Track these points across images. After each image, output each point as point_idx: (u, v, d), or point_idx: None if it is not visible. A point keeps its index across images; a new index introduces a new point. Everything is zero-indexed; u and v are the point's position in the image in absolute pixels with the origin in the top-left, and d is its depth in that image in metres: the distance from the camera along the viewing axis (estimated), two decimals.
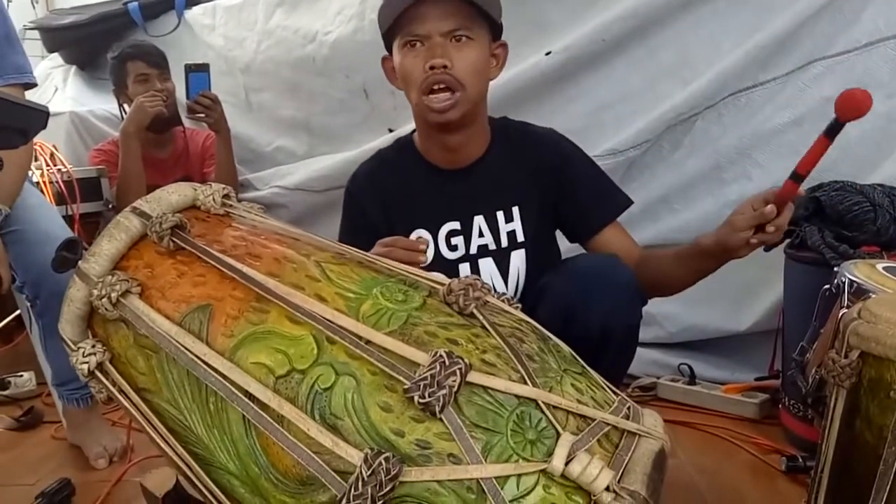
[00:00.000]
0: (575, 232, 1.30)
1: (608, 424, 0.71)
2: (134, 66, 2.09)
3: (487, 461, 0.65)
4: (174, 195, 0.91)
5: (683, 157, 1.78)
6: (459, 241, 1.25)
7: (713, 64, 1.70)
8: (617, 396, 0.78)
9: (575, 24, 1.81)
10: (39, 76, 2.26)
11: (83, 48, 2.69)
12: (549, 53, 1.81)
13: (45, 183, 1.83)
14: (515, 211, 1.25)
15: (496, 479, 0.64)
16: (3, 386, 1.91)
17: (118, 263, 0.86)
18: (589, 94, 1.83)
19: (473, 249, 1.25)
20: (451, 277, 0.82)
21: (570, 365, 0.78)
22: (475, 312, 0.77)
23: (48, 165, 1.89)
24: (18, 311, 1.63)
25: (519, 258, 1.25)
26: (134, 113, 2.01)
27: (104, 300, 0.81)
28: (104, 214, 2.03)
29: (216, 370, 0.73)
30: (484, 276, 1.24)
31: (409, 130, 1.32)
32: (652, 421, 0.76)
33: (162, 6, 2.53)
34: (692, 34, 1.73)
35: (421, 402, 0.66)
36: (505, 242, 1.25)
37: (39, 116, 0.86)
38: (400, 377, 0.68)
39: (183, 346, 0.76)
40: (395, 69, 1.20)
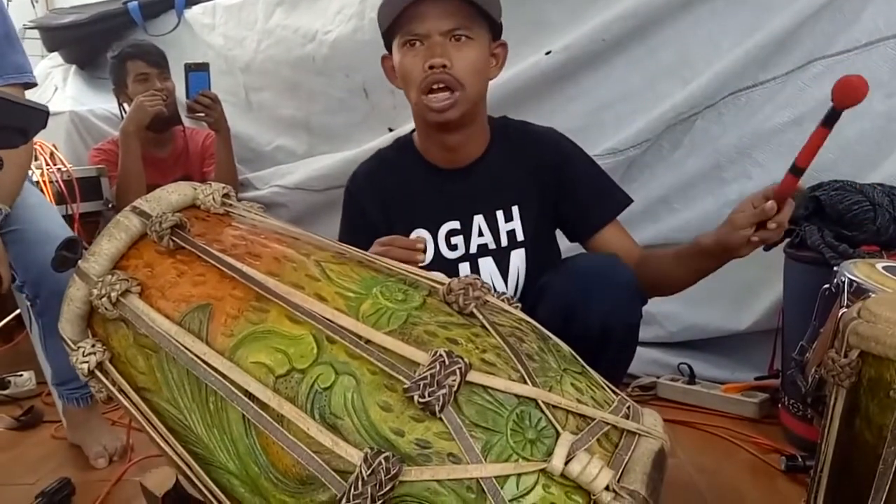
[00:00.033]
0: (575, 231, 1.30)
1: (608, 424, 0.71)
2: (134, 65, 2.09)
3: (487, 460, 0.65)
4: (174, 194, 0.91)
5: (683, 156, 1.78)
6: (459, 240, 1.25)
7: (713, 63, 1.70)
8: (617, 396, 0.78)
9: (575, 23, 1.81)
10: (39, 75, 2.27)
11: (83, 47, 2.69)
12: (549, 53, 1.81)
13: (44, 182, 1.83)
14: (515, 210, 1.25)
15: (496, 478, 0.64)
16: (3, 385, 1.91)
17: (118, 263, 0.86)
18: (589, 93, 1.83)
19: (473, 249, 1.25)
20: (450, 277, 0.82)
21: (569, 364, 0.78)
22: (475, 312, 0.77)
23: (48, 165, 1.89)
24: (18, 310, 1.63)
25: (519, 257, 1.25)
26: (134, 112, 2.01)
27: (104, 299, 0.81)
28: (104, 214, 2.03)
29: (216, 369, 0.73)
30: (484, 275, 1.24)
31: (408, 130, 1.32)
32: (652, 420, 0.76)
33: (162, 5, 2.53)
34: (692, 34, 1.73)
35: (421, 401, 0.66)
36: (505, 242, 1.25)
37: (39, 116, 0.86)
38: (400, 377, 0.68)
39: (183, 345, 0.76)
40: (394, 68, 1.20)
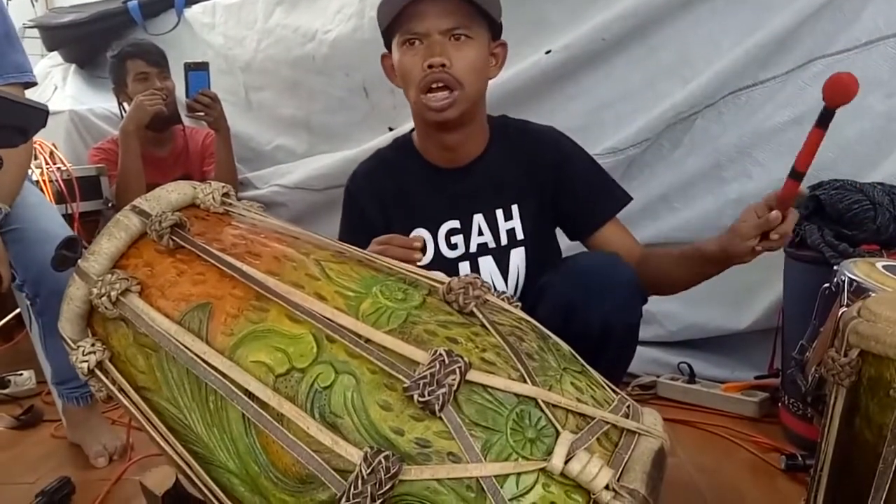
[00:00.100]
0: (575, 229, 1.30)
1: (608, 423, 0.71)
2: (133, 64, 2.09)
3: (487, 460, 0.65)
4: (174, 194, 0.91)
5: (683, 155, 1.78)
6: (459, 239, 1.25)
7: (713, 62, 1.70)
8: (616, 395, 0.78)
9: (575, 23, 1.81)
10: (39, 74, 2.26)
11: (83, 46, 2.69)
12: (549, 52, 1.81)
13: (44, 181, 1.83)
14: (515, 209, 1.24)
15: (496, 477, 0.64)
16: (2, 384, 1.91)
17: (118, 262, 0.86)
18: (589, 92, 1.83)
19: (473, 248, 1.25)
20: (450, 276, 0.82)
21: (569, 363, 0.78)
22: (475, 311, 0.77)
23: (48, 164, 1.89)
24: (18, 309, 1.63)
25: (518, 256, 1.25)
26: (133, 111, 2.01)
27: (104, 299, 0.81)
28: (104, 213, 2.03)
29: (216, 369, 0.73)
30: (484, 274, 1.24)
31: (408, 129, 1.32)
32: (651, 419, 0.76)
33: (161, 5, 2.53)
34: (692, 33, 1.73)
35: (420, 400, 0.66)
36: (504, 240, 1.24)
37: (39, 115, 0.86)
38: (399, 376, 0.68)
39: (182, 344, 0.76)
40: (394, 67, 1.20)
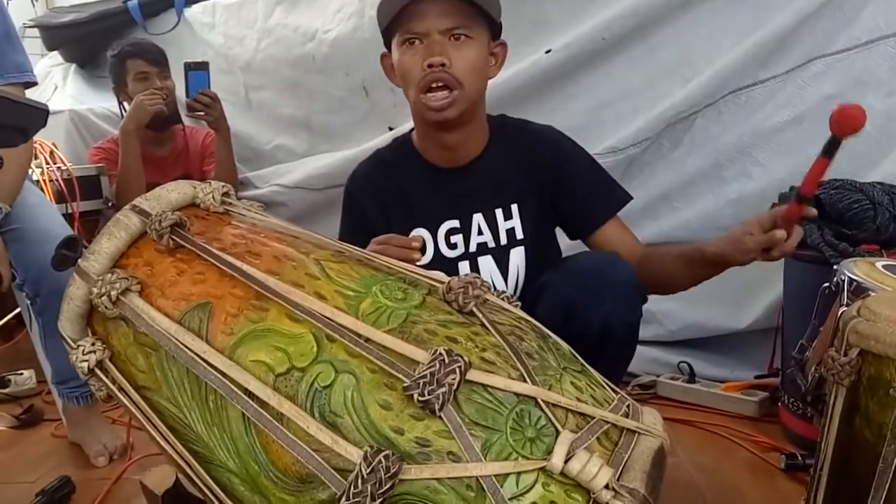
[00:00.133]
0: (575, 229, 1.29)
1: (607, 422, 0.71)
2: (134, 64, 2.09)
3: (487, 459, 0.65)
4: (174, 193, 0.91)
5: (683, 155, 1.78)
6: (459, 239, 1.25)
7: (713, 62, 1.70)
8: (616, 394, 0.78)
9: (575, 22, 1.81)
10: (39, 74, 2.26)
11: (83, 46, 2.69)
12: (549, 51, 1.81)
13: (44, 181, 1.83)
14: (514, 208, 1.24)
15: (495, 476, 0.64)
16: (3, 384, 1.91)
17: (118, 261, 0.86)
18: (589, 92, 1.83)
19: (473, 247, 1.25)
20: (450, 276, 0.82)
21: (569, 363, 0.78)
22: (474, 310, 0.77)
23: (48, 163, 1.89)
24: (18, 309, 1.63)
25: (518, 256, 1.25)
26: (134, 111, 2.01)
27: (104, 298, 0.81)
28: (104, 212, 2.03)
29: (216, 368, 0.73)
30: (483, 274, 1.23)
31: (408, 129, 1.32)
32: (651, 419, 0.76)
33: (161, 4, 2.53)
34: (692, 32, 1.73)
35: (420, 399, 0.66)
36: (504, 240, 1.24)
37: (39, 115, 0.86)
38: (399, 375, 0.68)
39: (182, 344, 0.76)
40: (393, 66, 1.20)
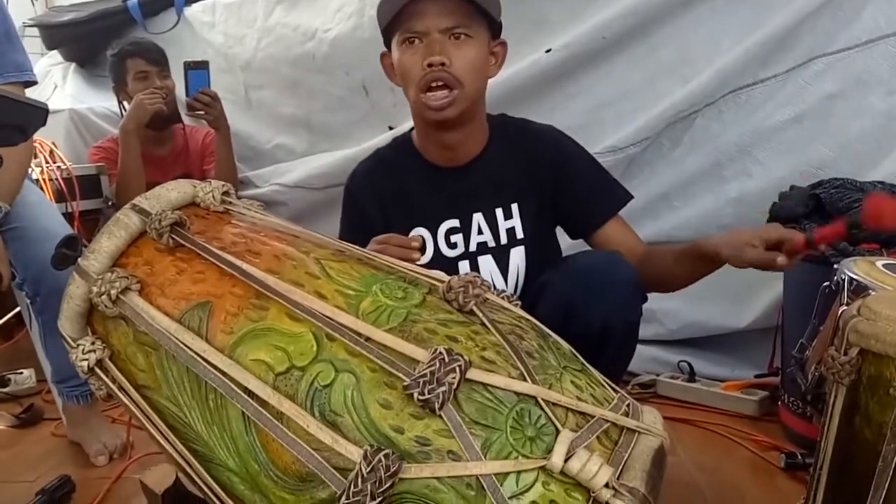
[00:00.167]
0: (577, 228, 1.29)
1: (607, 421, 0.71)
2: (133, 63, 2.09)
3: (487, 458, 0.65)
4: (173, 192, 0.91)
5: (683, 154, 1.78)
6: (459, 238, 1.25)
7: (713, 61, 1.70)
8: (616, 393, 0.78)
9: (575, 21, 1.81)
10: (39, 73, 2.26)
11: (82, 45, 2.69)
12: (549, 51, 1.81)
13: (44, 180, 1.83)
14: (514, 208, 1.24)
15: (495, 475, 0.64)
16: (3, 383, 1.91)
17: (118, 260, 0.86)
18: (589, 91, 1.83)
19: (473, 247, 1.25)
20: (450, 275, 0.82)
21: (569, 362, 0.78)
22: (475, 310, 0.77)
23: (48, 163, 1.89)
24: (18, 308, 1.63)
25: (518, 255, 1.25)
26: (133, 110, 2.01)
27: (104, 297, 0.81)
28: (104, 212, 2.03)
29: (216, 367, 0.73)
30: (483, 273, 1.23)
31: (408, 128, 1.32)
32: (651, 418, 0.76)
33: (161, 3, 2.53)
34: (692, 32, 1.73)
35: (420, 398, 0.66)
36: (504, 239, 1.24)
37: (38, 114, 0.86)
38: (399, 374, 0.68)
39: (182, 343, 0.76)
40: (393, 66, 1.20)
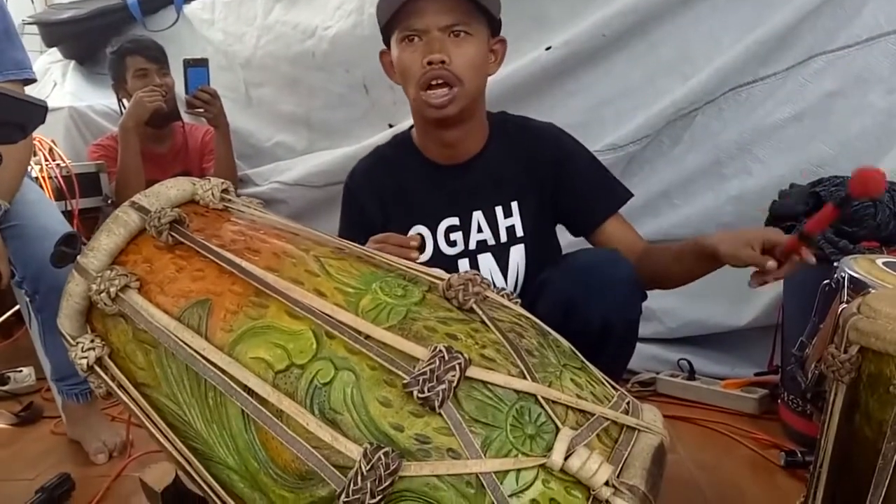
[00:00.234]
0: (577, 226, 1.29)
1: (607, 419, 0.71)
2: (133, 60, 2.09)
3: (487, 456, 0.65)
4: (173, 190, 0.91)
5: (683, 152, 1.78)
6: (458, 236, 1.25)
7: (713, 59, 1.70)
8: (616, 391, 0.78)
9: (575, 19, 1.81)
10: (38, 71, 2.25)
11: (82, 43, 2.69)
12: (549, 48, 1.81)
13: (44, 178, 1.83)
14: (514, 206, 1.24)
15: (495, 473, 0.64)
16: (2, 381, 1.91)
17: (117, 258, 0.86)
18: (589, 89, 1.83)
19: (472, 245, 1.25)
20: (450, 273, 0.82)
21: (569, 360, 0.78)
22: (474, 307, 0.77)
23: (47, 160, 1.89)
24: (17, 306, 1.63)
25: (518, 253, 1.25)
26: (133, 108, 2.01)
27: (103, 295, 0.81)
28: (103, 209, 2.03)
29: (215, 365, 0.73)
30: (483, 271, 1.23)
31: (408, 126, 1.32)
32: (651, 416, 0.76)
33: (161, 1, 2.53)
34: (692, 29, 1.73)
35: (420, 396, 0.66)
36: (504, 237, 1.24)
37: (38, 111, 0.86)
38: (399, 372, 0.68)
39: (182, 340, 0.76)
40: (393, 63, 1.19)
